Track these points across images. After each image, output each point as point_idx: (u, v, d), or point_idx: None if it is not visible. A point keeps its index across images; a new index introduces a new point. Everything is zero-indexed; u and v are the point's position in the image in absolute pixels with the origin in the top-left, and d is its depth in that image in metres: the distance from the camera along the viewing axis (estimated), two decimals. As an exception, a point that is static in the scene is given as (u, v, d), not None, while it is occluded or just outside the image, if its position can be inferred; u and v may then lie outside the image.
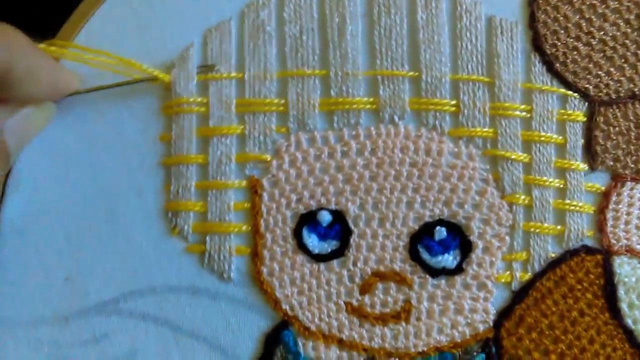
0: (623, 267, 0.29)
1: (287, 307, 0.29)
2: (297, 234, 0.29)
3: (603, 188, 0.30)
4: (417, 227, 0.29)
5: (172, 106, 0.30)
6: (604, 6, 0.30)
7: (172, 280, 0.29)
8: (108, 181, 0.29)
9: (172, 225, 0.29)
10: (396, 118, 0.29)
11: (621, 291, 0.29)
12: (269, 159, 0.29)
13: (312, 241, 0.29)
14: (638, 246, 0.30)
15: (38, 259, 0.29)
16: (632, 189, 0.30)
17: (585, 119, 0.30)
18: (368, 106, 0.29)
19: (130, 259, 0.29)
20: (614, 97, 0.30)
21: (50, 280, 0.29)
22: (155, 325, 0.29)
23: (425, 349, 0.29)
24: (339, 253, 0.29)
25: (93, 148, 0.30)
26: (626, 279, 0.29)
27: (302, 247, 0.29)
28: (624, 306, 0.29)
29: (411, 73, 0.30)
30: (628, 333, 0.29)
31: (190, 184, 0.29)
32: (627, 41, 0.30)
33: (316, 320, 0.29)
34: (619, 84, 0.30)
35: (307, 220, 0.29)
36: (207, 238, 0.29)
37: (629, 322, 0.29)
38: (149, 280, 0.29)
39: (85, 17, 0.29)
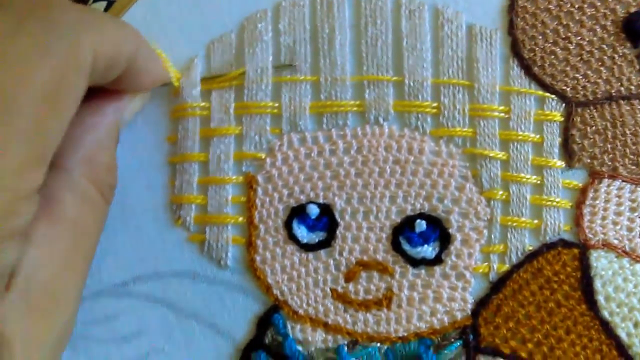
0: (600, 260, 0.31)
1: (278, 293, 0.32)
2: (288, 226, 0.32)
3: (580, 185, 0.32)
4: (399, 220, 0.32)
5: (178, 110, 0.33)
6: (580, 13, 0.32)
7: (175, 266, 0.33)
8: (122, 177, 0.33)
9: (176, 217, 0.33)
10: (381, 119, 0.32)
11: (598, 284, 0.31)
12: (263, 157, 0.33)
13: (302, 232, 0.32)
14: (615, 241, 0.31)
15: (60, 246, 0.33)
16: (609, 185, 0.31)
17: (562, 119, 0.32)
18: (355, 108, 0.32)
19: (139, 246, 0.33)
20: (590, 98, 0.32)
21: (69, 265, 0.33)
22: (160, 307, 0.32)
23: (405, 334, 0.31)
24: (326, 243, 0.32)
25: (109, 147, 0.33)
26: (603, 272, 0.31)
27: (292, 237, 0.32)
28: (600, 299, 0.31)
29: (395, 78, 0.32)
30: (604, 325, 0.31)
31: (192, 180, 0.33)
32: (603, 45, 0.32)
33: (304, 305, 0.32)
34: (595, 86, 0.32)
35: (297, 213, 0.32)
36: (207, 228, 0.33)
37: (605, 314, 0.31)
38: (155, 266, 0.33)
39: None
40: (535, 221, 0.32)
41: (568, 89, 0.32)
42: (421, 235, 0.32)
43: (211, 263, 0.33)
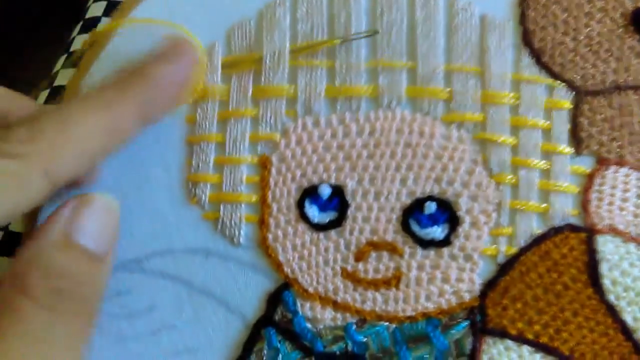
0: (606, 245, 0.32)
1: (289, 271, 0.33)
2: (300, 205, 0.33)
3: (588, 171, 0.33)
4: (409, 202, 0.33)
5: (199, 92, 0.35)
6: (590, 5, 0.34)
7: (189, 243, 0.33)
8: (140, 155, 0.34)
9: (191, 195, 0.34)
10: (393, 104, 0.33)
11: (604, 268, 0.31)
12: (278, 139, 0.34)
13: (313, 212, 0.33)
14: (621, 226, 0.32)
15: (76, 221, 0.34)
16: (616, 172, 0.32)
17: (571, 107, 0.33)
18: (368, 93, 0.34)
19: (153, 223, 0.34)
20: (599, 88, 0.33)
21: (85, 240, 0.34)
22: (172, 283, 0.33)
23: (413, 313, 0.32)
24: (336, 223, 0.33)
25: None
26: (609, 257, 0.31)
27: (303, 217, 0.33)
28: (606, 282, 0.31)
29: (409, 64, 0.34)
30: (610, 309, 0.31)
31: (209, 159, 0.34)
32: (612, 37, 0.33)
33: (314, 283, 0.33)
34: (604, 75, 0.33)
35: (309, 193, 0.33)
36: (221, 206, 0.34)
37: (612, 298, 0.31)
38: (168, 243, 0.34)
39: (129, 9, 0.35)
40: (543, 205, 0.32)
41: (577, 78, 0.33)
42: (430, 217, 0.32)
43: (224, 240, 0.33)
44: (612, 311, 0.31)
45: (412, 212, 0.33)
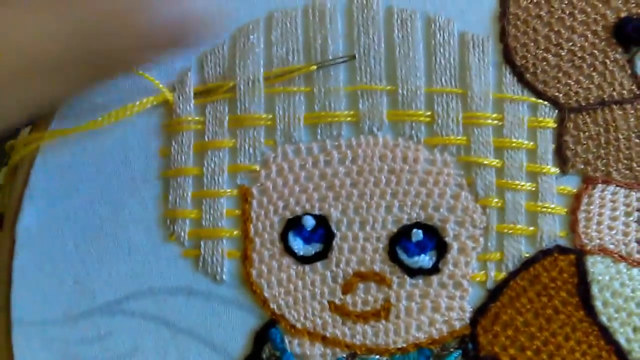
0: (596, 266, 0.31)
1: (275, 307, 0.32)
2: (284, 238, 0.32)
3: (575, 190, 0.32)
4: (395, 230, 0.32)
5: (172, 124, 0.34)
6: (571, 19, 0.33)
7: (170, 282, 0.33)
8: (114, 192, 0.33)
9: (169, 232, 0.33)
10: (375, 129, 0.33)
11: (595, 289, 0.31)
12: (258, 169, 0.33)
13: (298, 244, 0.32)
14: (611, 246, 0.32)
15: (51, 264, 0.33)
16: (603, 190, 0.32)
17: (555, 125, 0.33)
18: (349, 119, 0.33)
19: (132, 263, 0.33)
20: (583, 104, 0.33)
21: (61, 283, 0.33)
22: (154, 324, 0.33)
23: (404, 345, 0.32)
24: (322, 255, 0.32)
25: (101, 162, 0.34)
26: (600, 278, 0.31)
27: (288, 250, 0.32)
28: (598, 304, 0.31)
29: (388, 87, 0.33)
30: (603, 330, 0.31)
31: (186, 194, 0.33)
32: (595, 51, 0.33)
33: (301, 318, 0.32)
34: (588, 92, 0.33)
35: (293, 225, 0.32)
36: (202, 243, 0.33)
37: (604, 319, 0.31)
38: (149, 282, 0.33)
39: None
40: (531, 228, 0.32)
41: (560, 95, 0.33)
42: (418, 245, 0.32)
43: (207, 278, 0.33)
44: (605, 333, 0.31)
45: (399, 240, 0.32)
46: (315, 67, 0.33)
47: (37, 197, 0.34)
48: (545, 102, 0.33)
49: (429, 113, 0.33)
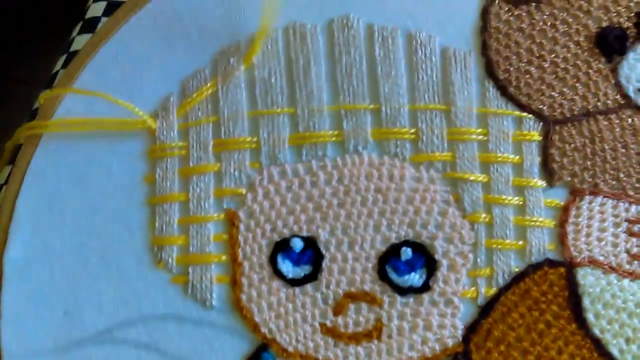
0: (587, 278, 0.32)
1: (266, 331, 0.32)
2: (273, 261, 0.32)
3: (562, 203, 0.33)
4: (384, 249, 0.32)
5: (156, 151, 0.34)
6: (553, 30, 0.33)
7: (159, 309, 0.33)
8: (100, 220, 0.34)
9: (157, 259, 0.33)
10: (360, 148, 0.33)
11: (586, 302, 0.31)
12: (244, 193, 0.33)
13: (287, 267, 0.32)
14: (600, 257, 0.32)
15: (39, 295, 0.33)
16: (591, 202, 0.32)
17: (540, 138, 0.33)
18: (333, 138, 0.33)
19: (121, 291, 0.33)
20: (568, 116, 0.33)
21: (51, 314, 0.33)
22: (146, 352, 0.33)
23: (397, 365, 0.32)
24: (312, 277, 0.32)
25: (86, 191, 0.34)
26: (591, 290, 0.31)
27: (277, 273, 0.32)
28: (590, 316, 0.31)
29: (372, 106, 0.33)
30: (596, 342, 0.31)
31: (173, 220, 0.33)
32: (578, 62, 0.33)
33: (293, 342, 0.32)
34: (572, 103, 0.33)
35: (281, 247, 0.33)
36: (190, 269, 0.33)
37: (596, 331, 0.31)
38: (138, 310, 0.33)
39: (79, 69, 0.34)
40: (520, 242, 0.32)
41: (545, 108, 0.33)
42: (407, 263, 0.32)
43: (196, 304, 0.33)
44: (597, 345, 0.31)
45: (388, 259, 0.32)
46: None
47: (23, 227, 0.34)
48: (530, 115, 0.33)
49: (413, 130, 0.33)
